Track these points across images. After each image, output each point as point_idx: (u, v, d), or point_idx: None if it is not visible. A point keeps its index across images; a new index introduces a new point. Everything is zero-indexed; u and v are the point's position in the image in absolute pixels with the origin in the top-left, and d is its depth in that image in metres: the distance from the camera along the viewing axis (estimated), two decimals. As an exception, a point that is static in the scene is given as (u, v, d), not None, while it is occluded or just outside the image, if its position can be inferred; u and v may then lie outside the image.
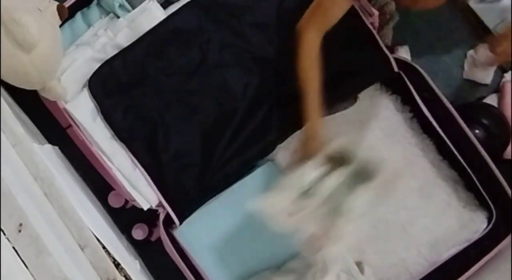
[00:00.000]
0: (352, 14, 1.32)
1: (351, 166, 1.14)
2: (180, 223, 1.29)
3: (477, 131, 1.49)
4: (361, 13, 1.35)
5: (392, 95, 1.44)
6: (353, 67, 1.32)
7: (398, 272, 1.36)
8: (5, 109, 0.85)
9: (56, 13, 1.18)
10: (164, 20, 1.29)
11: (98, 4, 1.32)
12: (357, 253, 1.35)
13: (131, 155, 1.27)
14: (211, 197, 1.31)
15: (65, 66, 1.24)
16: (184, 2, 1.31)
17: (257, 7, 1.31)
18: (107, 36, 1.29)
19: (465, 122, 1.36)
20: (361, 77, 1.35)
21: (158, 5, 1.30)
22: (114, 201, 1.49)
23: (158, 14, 1.29)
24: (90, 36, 1.30)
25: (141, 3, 1.29)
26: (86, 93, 1.26)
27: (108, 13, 1.31)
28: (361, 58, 1.33)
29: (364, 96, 1.41)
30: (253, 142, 1.29)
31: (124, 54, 1.27)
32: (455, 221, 1.37)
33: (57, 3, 1.20)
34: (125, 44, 1.28)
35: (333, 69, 1.28)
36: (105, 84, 1.26)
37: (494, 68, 1.66)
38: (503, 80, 1.67)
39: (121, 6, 1.29)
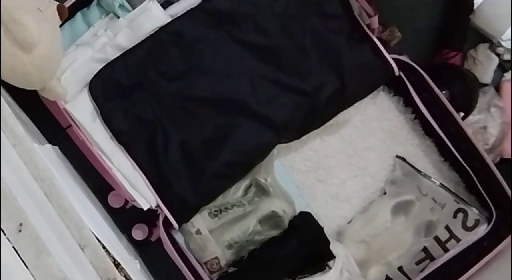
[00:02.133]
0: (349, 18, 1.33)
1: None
2: (179, 226, 1.29)
3: (443, 91, 1.44)
4: (357, 16, 1.35)
5: (395, 96, 1.45)
6: (352, 73, 1.32)
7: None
8: (5, 109, 0.85)
9: (56, 13, 1.18)
10: (167, 24, 1.29)
11: (98, 4, 1.32)
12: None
13: (130, 158, 1.27)
14: (209, 202, 1.31)
15: (65, 66, 1.24)
16: (185, 4, 1.32)
17: (260, 15, 1.31)
18: (107, 36, 1.29)
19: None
20: (361, 84, 1.36)
21: (158, 5, 1.29)
22: (114, 201, 1.49)
23: (158, 14, 1.29)
24: (90, 36, 1.30)
25: (141, 3, 1.29)
26: (86, 94, 1.26)
27: (108, 13, 1.31)
28: (361, 64, 1.33)
29: (367, 97, 1.41)
30: (252, 146, 1.29)
31: (125, 57, 1.27)
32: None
33: (57, 3, 1.20)
34: (125, 44, 1.28)
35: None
36: (106, 86, 1.26)
37: (494, 68, 1.66)
38: (503, 79, 1.67)
39: (121, 6, 1.29)
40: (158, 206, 1.28)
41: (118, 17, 1.29)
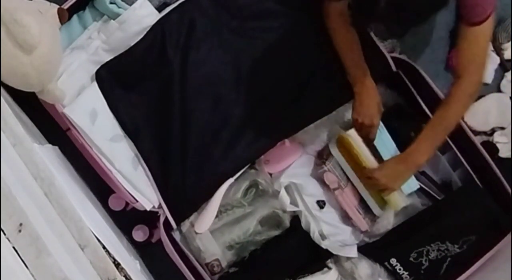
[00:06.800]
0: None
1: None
2: (177, 226, 1.29)
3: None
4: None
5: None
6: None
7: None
8: (5, 109, 0.85)
9: (57, 16, 1.18)
10: (170, 13, 1.29)
11: (93, 6, 1.32)
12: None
13: (134, 150, 1.27)
14: (207, 199, 1.31)
15: (61, 70, 1.24)
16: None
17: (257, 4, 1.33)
18: (100, 39, 1.29)
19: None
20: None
21: (149, 4, 1.29)
22: (115, 204, 1.49)
23: (148, 15, 1.29)
24: (84, 40, 1.30)
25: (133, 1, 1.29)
26: (83, 97, 1.26)
27: (102, 15, 1.31)
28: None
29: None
30: (251, 142, 1.30)
31: (131, 49, 1.28)
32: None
33: (58, 6, 1.20)
34: (117, 46, 1.28)
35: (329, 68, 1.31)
36: (113, 76, 1.27)
37: (494, 67, 1.65)
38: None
39: (112, 3, 1.28)
40: (159, 206, 1.28)
41: (112, 19, 1.30)
